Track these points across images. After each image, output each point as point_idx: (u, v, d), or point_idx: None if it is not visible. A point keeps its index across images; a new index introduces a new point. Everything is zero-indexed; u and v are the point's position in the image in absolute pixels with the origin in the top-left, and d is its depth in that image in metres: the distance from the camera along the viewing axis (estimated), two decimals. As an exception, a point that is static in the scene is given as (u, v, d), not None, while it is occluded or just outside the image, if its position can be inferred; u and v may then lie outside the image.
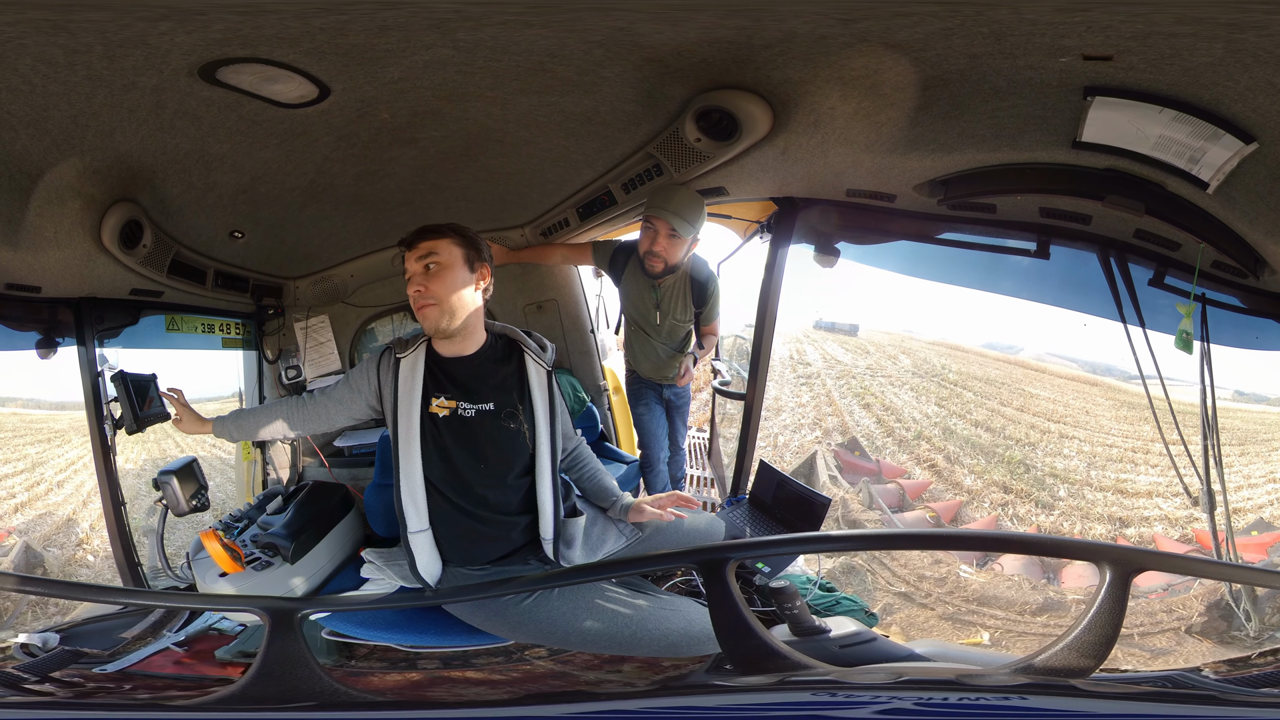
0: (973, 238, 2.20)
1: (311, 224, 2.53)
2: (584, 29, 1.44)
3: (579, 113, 1.91)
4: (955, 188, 1.96)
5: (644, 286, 2.75)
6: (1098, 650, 1.00)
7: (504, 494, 1.77)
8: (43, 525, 2.38)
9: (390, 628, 1.75)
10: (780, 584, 1.49)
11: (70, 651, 1.85)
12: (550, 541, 1.78)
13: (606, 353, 3.79)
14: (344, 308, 3.10)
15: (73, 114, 1.53)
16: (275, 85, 1.54)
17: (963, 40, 1.42)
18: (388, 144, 1.99)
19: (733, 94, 1.76)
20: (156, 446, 2.52)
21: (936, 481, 3.64)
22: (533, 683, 1.70)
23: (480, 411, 1.74)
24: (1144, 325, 1.99)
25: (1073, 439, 3.48)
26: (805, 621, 1.44)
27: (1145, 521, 2.87)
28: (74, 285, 2.13)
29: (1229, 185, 1.60)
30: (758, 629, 1.03)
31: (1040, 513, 3.24)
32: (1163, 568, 1.82)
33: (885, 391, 4.39)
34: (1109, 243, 1.94)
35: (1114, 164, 1.69)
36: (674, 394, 3.08)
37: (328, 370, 3.03)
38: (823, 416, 4.55)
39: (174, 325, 2.55)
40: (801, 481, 3.24)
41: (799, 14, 1.38)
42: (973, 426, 3.89)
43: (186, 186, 2.02)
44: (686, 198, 2.44)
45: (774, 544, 1.59)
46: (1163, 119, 1.53)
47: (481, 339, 1.81)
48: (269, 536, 1.99)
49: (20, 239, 1.81)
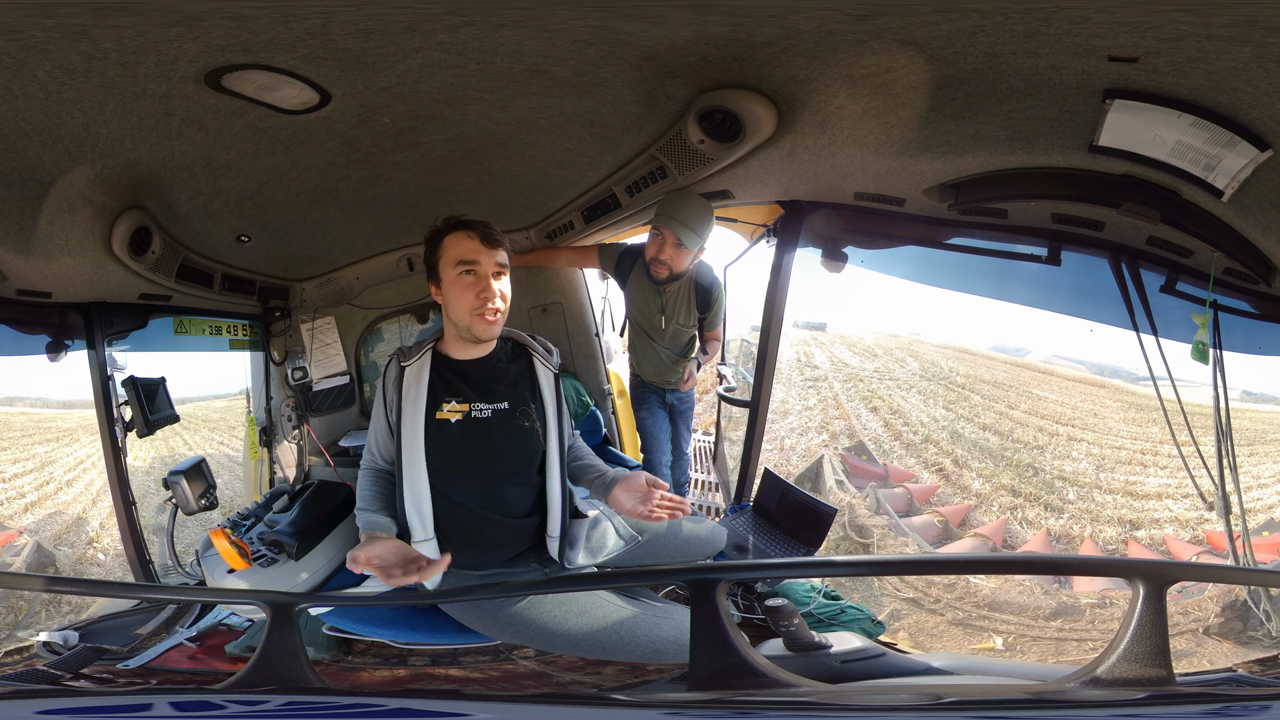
0: (982, 243, 2.17)
1: (317, 228, 2.55)
2: (559, 29, 1.41)
3: (580, 115, 1.89)
4: (967, 192, 1.93)
5: (649, 291, 2.76)
6: (1156, 660, 0.99)
7: (518, 493, 1.76)
8: (53, 524, 2.42)
9: (385, 624, 1.79)
10: (777, 603, 1.45)
11: (93, 648, 1.90)
12: (556, 539, 1.78)
13: (612, 356, 3.80)
14: (350, 309, 3.12)
15: (85, 121, 1.55)
16: (278, 92, 1.56)
17: (987, 38, 1.38)
18: (390, 148, 1.99)
19: (735, 93, 1.72)
20: (165, 445, 2.56)
21: (944, 485, 3.60)
22: (514, 682, 1.73)
23: (496, 411, 1.73)
24: (1156, 333, 1.97)
25: (1081, 441, 3.44)
26: (802, 638, 1.41)
27: (1155, 524, 2.82)
28: (84, 291, 2.16)
29: (1243, 193, 1.57)
30: (739, 646, 1.02)
31: (1050, 516, 3.20)
32: (1192, 577, 1.82)
33: (893, 395, 4.36)
34: (1120, 249, 1.92)
35: (1130, 170, 1.65)
36: (677, 398, 3.08)
37: (334, 371, 3.06)
38: (830, 420, 4.52)
39: (182, 328, 2.59)
40: (807, 489, 3.22)
41: (798, 9, 1.33)
42: (981, 430, 3.85)
43: (194, 193, 2.04)
44: (696, 208, 2.43)
45: (771, 567, 1.53)
46: (1181, 124, 1.50)
47: (494, 341, 1.82)
48: (275, 534, 2.04)
49: (32, 246, 1.83)
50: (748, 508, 2.72)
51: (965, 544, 3.23)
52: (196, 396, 2.22)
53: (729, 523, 2.59)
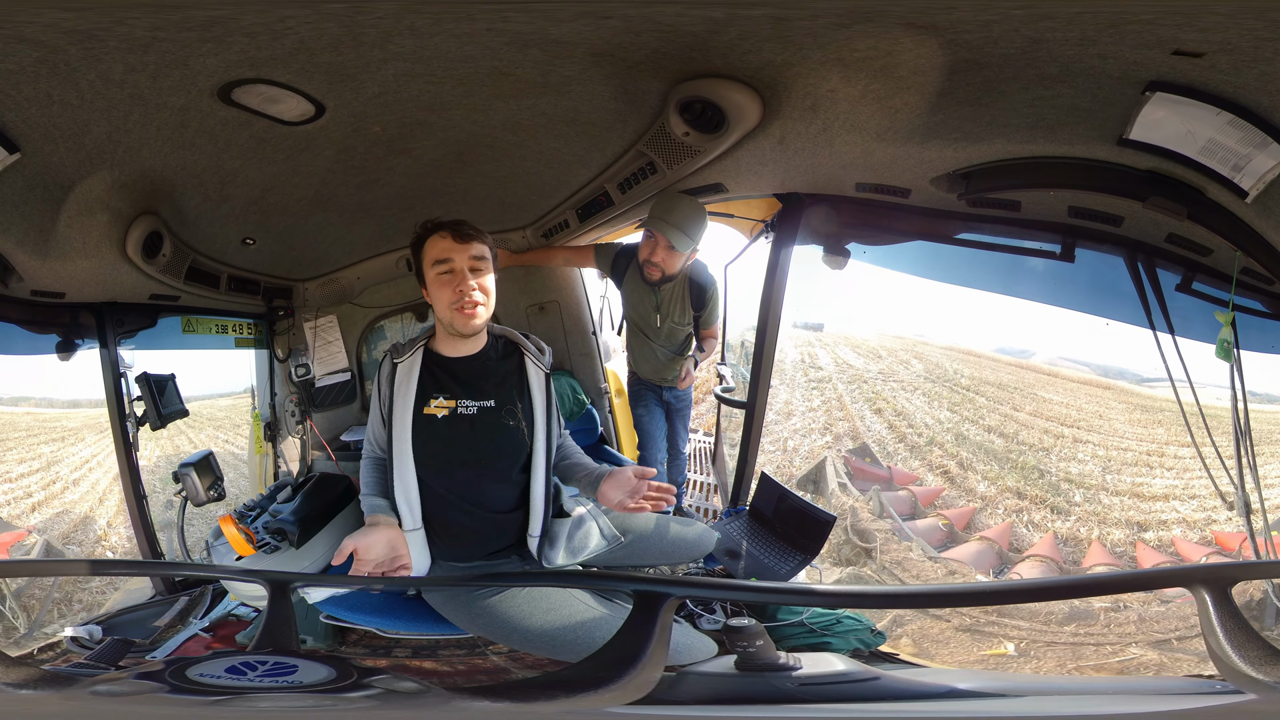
0: (991, 238, 2.13)
1: (318, 230, 2.65)
2: (486, 34, 1.39)
3: (559, 114, 1.89)
4: (979, 181, 1.86)
5: (644, 289, 2.83)
6: (1266, 655, 0.95)
7: (501, 490, 1.82)
8: (61, 523, 2.46)
9: (376, 613, 1.90)
10: (741, 623, 1.34)
11: (121, 640, 2.02)
12: (536, 539, 1.84)
13: (610, 354, 3.81)
14: (351, 308, 3.22)
15: (109, 130, 1.64)
16: (279, 105, 1.66)
17: (1034, 27, 1.30)
18: (384, 155, 2.07)
19: (710, 83, 1.66)
20: (170, 443, 2.67)
21: (949, 488, 3.58)
22: (483, 675, 1.79)
23: (482, 408, 1.80)
24: (1173, 332, 1.94)
25: (1087, 443, 3.39)
26: (762, 659, 1.29)
27: (1163, 525, 2.80)
28: (97, 292, 2.28)
29: (1266, 195, 1.55)
30: (644, 661, 1.00)
31: (1056, 519, 3.15)
32: (1251, 575, 1.75)
33: (897, 396, 4.37)
34: (1137, 246, 1.89)
35: (1156, 165, 1.62)
36: (674, 396, 3.14)
37: (336, 368, 3.16)
38: (834, 421, 4.53)
39: (190, 327, 2.71)
40: (809, 492, 3.21)
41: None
42: (985, 432, 3.84)
43: (203, 199, 2.16)
44: (689, 211, 2.47)
45: (731, 588, 1.31)
46: (1218, 122, 1.47)
47: (484, 339, 1.88)
48: (278, 523, 2.16)
49: (50, 249, 1.94)
50: (743, 512, 2.69)
51: (971, 547, 3.26)
52: (204, 394, 2.33)
53: (723, 527, 2.57)
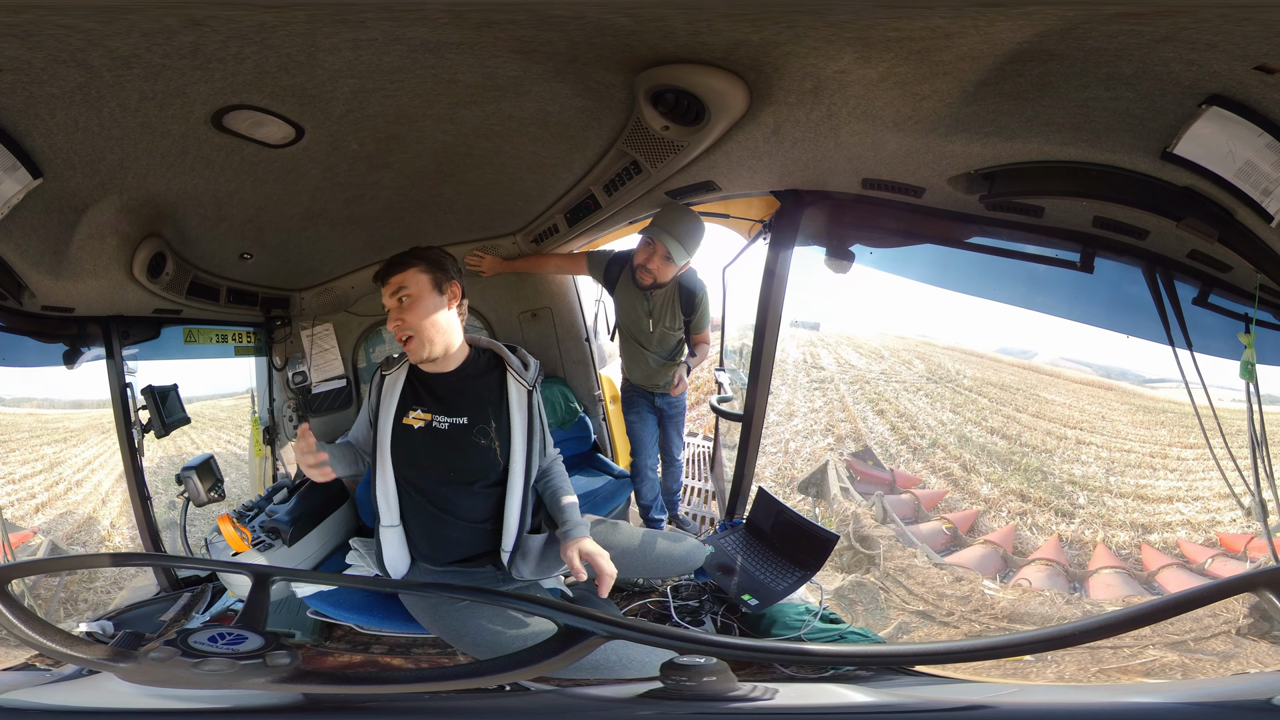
0: (1007, 244, 2.07)
1: (311, 243, 2.80)
2: (396, 40, 1.36)
3: (527, 116, 1.84)
4: (1004, 184, 1.76)
5: (636, 295, 2.92)
6: None
7: (471, 501, 1.92)
8: (64, 524, 2.57)
9: (357, 610, 2.04)
10: (695, 661, 1.01)
11: (134, 633, 2.14)
12: (508, 553, 1.94)
13: (605, 361, 3.90)
14: (346, 316, 3.34)
15: (121, 157, 1.74)
16: (264, 129, 1.78)
17: (1136, 23, 1.21)
18: (366, 170, 2.16)
19: (676, 69, 1.46)
20: (173, 445, 2.83)
21: (952, 490, 3.56)
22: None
23: (453, 425, 1.90)
24: (1190, 346, 1.93)
25: (1090, 445, 3.37)
26: (702, 692, 1.00)
27: (1168, 527, 2.81)
28: (104, 307, 2.43)
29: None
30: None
31: (1060, 521, 3.15)
32: None
33: (899, 397, 4.37)
34: (1157, 259, 1.86)
35: (1193, 183, 1.58)
36: (667, 403, 3.19)
37: (332, 374, 3.30)
38: (836, 422, 4.53)
39: (191, 337, 2.88)
40: (811, 495, 3.21)
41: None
42: (988, 433, 3.82)
43: (202, 219, 2.32)
44: (691, 226, 2.58)
45: (669, 635, 1.03)
46: (1258, 144, 1.45)
47: (464, 355, 1.95)
48: (273, 522, 2.33)
49: (62, 269, 2.08)
50: (739, 525, 2.68)
51: (974, 551, 3.27)
52: (205, 398, 2.45)
53: (717, 541, 2.56)
